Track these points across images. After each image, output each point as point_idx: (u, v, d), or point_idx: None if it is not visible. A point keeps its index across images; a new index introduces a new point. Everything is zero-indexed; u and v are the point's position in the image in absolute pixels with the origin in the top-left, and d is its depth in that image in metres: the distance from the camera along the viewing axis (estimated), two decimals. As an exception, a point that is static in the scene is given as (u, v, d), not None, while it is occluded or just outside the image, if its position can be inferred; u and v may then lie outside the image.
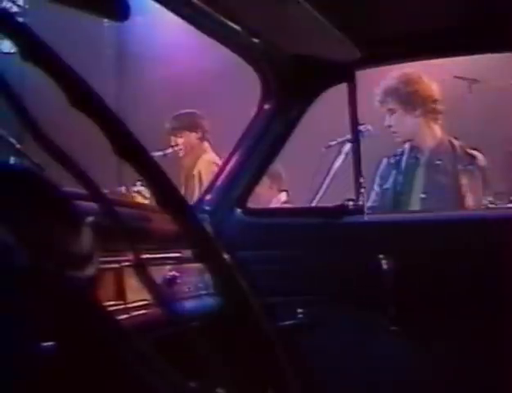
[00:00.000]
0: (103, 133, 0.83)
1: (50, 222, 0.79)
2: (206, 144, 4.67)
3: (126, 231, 0.88)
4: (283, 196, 5.32)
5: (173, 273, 2.03)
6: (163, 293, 0.99)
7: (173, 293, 2.01)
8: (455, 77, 4.35)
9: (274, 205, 5.14)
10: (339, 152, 3.37)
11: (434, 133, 3.38)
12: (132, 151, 0.86)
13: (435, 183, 3.21)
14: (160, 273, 2.00)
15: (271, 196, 5.24)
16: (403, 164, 3.34)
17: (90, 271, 0.80)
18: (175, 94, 5.58)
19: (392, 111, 3.33)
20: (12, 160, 2.61)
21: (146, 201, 4.06)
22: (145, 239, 1.76)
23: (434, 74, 4.56)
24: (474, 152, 3.27)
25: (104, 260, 1.55)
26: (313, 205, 3.06)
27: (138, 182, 4.11)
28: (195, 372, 0.84)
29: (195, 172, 4.56)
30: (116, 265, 1.65)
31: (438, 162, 3.26)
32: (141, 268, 0.87)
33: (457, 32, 2.38)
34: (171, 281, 2.04)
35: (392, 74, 3.31)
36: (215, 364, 0.86)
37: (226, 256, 0.93)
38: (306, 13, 2.16)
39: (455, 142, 3.39)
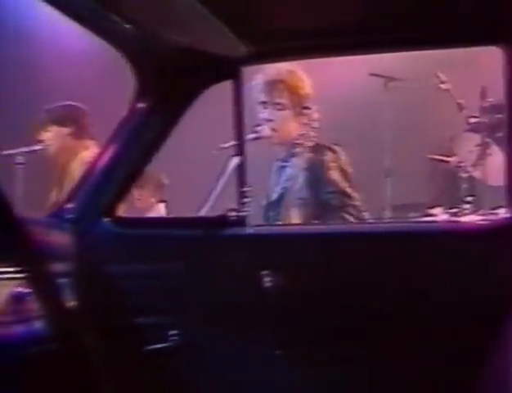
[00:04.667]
0: None
1: None
2: (87, 141, 4.33)
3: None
4: (162, 208, 5.20)
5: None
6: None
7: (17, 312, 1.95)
8: (371, 74, 4.41)
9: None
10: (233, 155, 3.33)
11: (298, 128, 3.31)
12: None
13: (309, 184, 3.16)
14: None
15: (151, 206, 5.16)
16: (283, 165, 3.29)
17: None
18: (48, 85, 5.41)
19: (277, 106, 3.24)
20: None
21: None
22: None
23: (348, 70, 4.60)
24: (334, 147, 3.22)
25: None
26: (198, 214, 3.02)
27: None
28: None
29: (69, 172, 4.24)
30: None
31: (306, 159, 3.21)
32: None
33: (351, 30, 2.34)
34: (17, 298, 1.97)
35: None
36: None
37: (52, 276, 0.90)
38: (187, 3, 2.13)
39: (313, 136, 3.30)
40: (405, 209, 4.46)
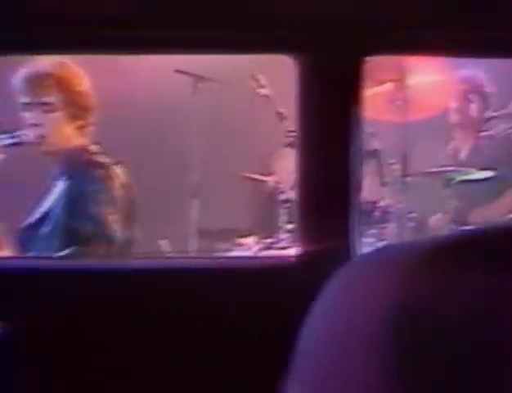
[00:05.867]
0: None
1: None
2: None
3: None
4: None
5: None
6: None
7: None
8: (176, 71, 4.02)
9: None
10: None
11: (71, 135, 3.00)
12: None
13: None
14: None
15: None
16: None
17: None
18: None
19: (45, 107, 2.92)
20: None
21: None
22: None
23: (148, 65, 4.18)
24: (111, 165, 2.95)
25: None
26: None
27: None
28: None
29: None
30: None
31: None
32: None
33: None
34: None
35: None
36: None
37: None
38: None
39: (93, 149, 3.00)
40: (213, 236, 4.17)
